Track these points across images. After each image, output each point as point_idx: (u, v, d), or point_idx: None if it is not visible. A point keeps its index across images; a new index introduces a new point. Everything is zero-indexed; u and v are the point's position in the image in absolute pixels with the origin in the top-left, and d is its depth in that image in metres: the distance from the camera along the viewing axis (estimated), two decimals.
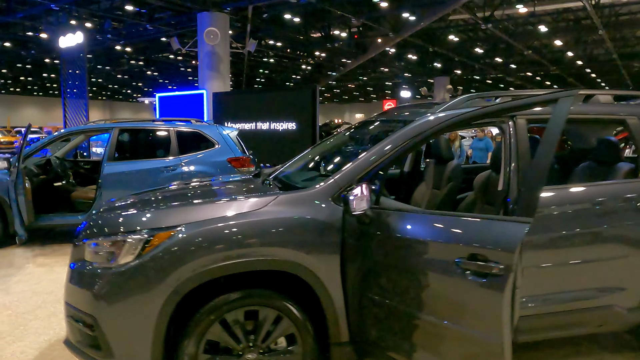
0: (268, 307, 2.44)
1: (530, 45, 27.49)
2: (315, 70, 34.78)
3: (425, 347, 2.18)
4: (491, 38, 26.27)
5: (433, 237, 2.10)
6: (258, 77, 38.37)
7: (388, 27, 21.94)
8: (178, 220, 2.42)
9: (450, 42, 27.01)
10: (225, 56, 15.25)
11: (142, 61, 31.14)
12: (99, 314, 2.37)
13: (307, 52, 29.73)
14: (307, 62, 33.05)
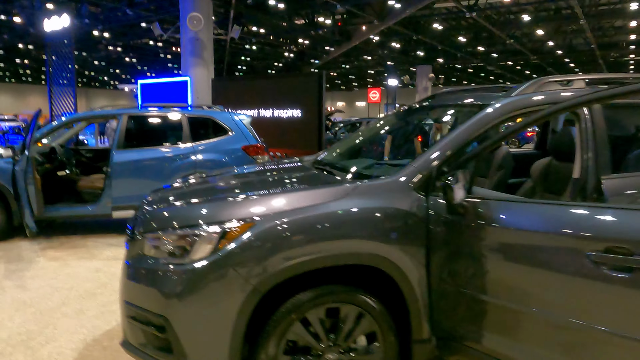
0: (350, 303, 2.30)
1: (511, 34, 27.72)
2: (298, 57, 34.37)
3: (538, 344, 2.05)
4: (474, 27, 26.38)
5: (555, 229, 1.97)
6: (239, 64, 37.78)
7: (373, 15, 21.74)
8: (255, 212, 2.25)
9: (434, 31, 27.00)
10: (208, 42, 14.80)
11: (121, 47, 30.21)
12: (172, 314, 2.19)
13: (290, 39, 29.36)
14: (290, 50, 32.63)
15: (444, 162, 2.39)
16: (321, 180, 2.69)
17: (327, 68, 38.11)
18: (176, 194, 2.82)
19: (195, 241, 2.21)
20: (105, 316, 3.63)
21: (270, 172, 3.25)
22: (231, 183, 2.96)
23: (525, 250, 2.03)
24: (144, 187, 5.77)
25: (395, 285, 2.32)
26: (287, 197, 2.36)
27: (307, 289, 2.25)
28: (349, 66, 38.76)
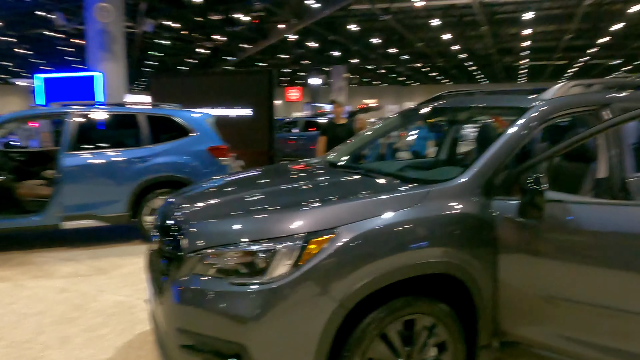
0: (426, 314, 2.22)
1: (421, 37, 29.25)
2: (212, 54, 33.36)
3: (614, 341, 2.11)
4: (387, 29, 27.43)
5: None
6: (149, 59, 35.80)
7: (290, 13, 21.73)
8: (332, 222, 2.08)
9: (349, 31, 27.64)
10: (119, 36, 13.73)
11: (14, 37, 27.14)
12: (250, 340, 1.96)
13: (204, 35, 28.36)
14: (204, 46, 31.54)
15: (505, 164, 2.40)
16: (382, 187, 2.54)
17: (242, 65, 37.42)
18: (222, 203, 2.52)
19: (273, 257, 1.99)
20: (97, 343, 3.20)
21: (300, 177, 3.05)
22: (273, 191, 2.71)
23: (608, 250, 2.09)
24: (100, 193, 5.23)
25: (464, 293, 2.28)
26: (361, 206, 2.21)
27: (384, 302, 2.13)
28: (265, 64, 38.38)
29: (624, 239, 2.08)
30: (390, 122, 3.79)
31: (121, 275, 4.54)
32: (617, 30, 25.23)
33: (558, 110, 2.66)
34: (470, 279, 2.24)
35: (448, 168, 3.04)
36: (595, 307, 2.13)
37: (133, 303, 3.87)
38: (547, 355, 2.33)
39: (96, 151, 5.39)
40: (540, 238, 2.23)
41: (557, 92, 2.77)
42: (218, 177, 3.45)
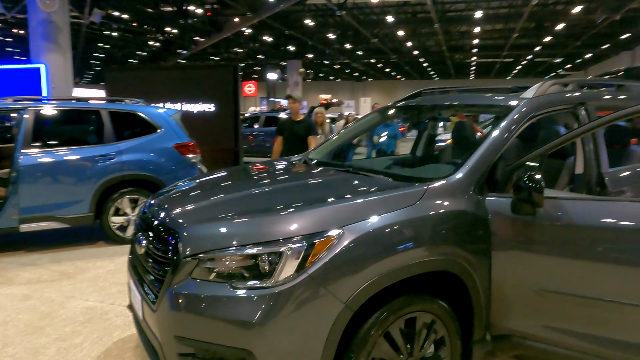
0: (426, 312, 2.23)
1: (375, 33, 29.59)
2: (163, 47, 32.38)
3: (631, 333, 2.18)
4: (342, 25, 27.57)
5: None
6: (96, 51, 34.31)
7: (245, 7, 21.41)
8: (336, 222, 2.05)
9: (305, 26, 27.58)
10: (64, 26, 13.00)
11: None
12: (257, 346, 1.90)
13: (156, 27, 27.46)
14: (155, 38, 30.54)
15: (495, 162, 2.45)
16: (380, 185, 2.50)
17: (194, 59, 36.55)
18: (217, 205, 2.42)
19: (278, 260, 1.94)
20: (72, 353, 3.02)
21: (290, 177, 2.98)
22: (266, 191, 2.63)
23: (607, 244, 2.17)
24: (61, 194, 4.96)
25: (460, 289, 2.32)
26: (363, 205, 2.19)
27: (386, 302, 2.12)
28: (218, 58, 37.66)
29: (612, 234, 2.17)
30: (370, 119, 3.80)
31: (88, 280, 4.32)
32: (559, 30, 26.50)
33: (541, 108, 2.74)
34: (467, 275, 2.28)
35: (436, 166, 3.07)
36: (581, 298, 2.21)
37: (105, 309, 3.69)
38: (535, 346, 2.40)
39: (56, 149, 5.07)
40: (533, 233, 2.29)
41: (538, 91, 2.86)
42: (199, 177, 3.34)
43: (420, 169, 3.14)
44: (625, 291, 2.12)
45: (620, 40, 28.38)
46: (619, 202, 2.30)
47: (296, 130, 5.76)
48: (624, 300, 2.12)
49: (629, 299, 2.11)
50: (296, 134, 5.73)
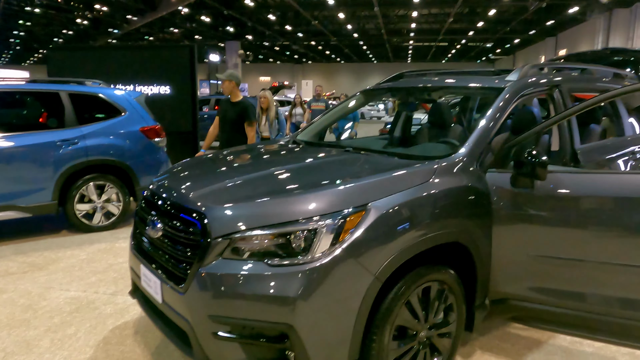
0: (439, 281, 2.39)
1: (316, 15, 29.55)
2: (92, 25, 30.53)
3: (615, 289, 2.41)
4: (282, 6, 27.27)
5: (630, 193, 2.30)
6: (15, 29, 31.77)
7: None
8: (364, 199, 2.14)
9: (244, 6, 27.02)
10: None
11: None
12: (298, 320, 1.96)
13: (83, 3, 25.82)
14: (83, 16, 28.70)
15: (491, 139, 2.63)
16: (393, 164, 2.59)
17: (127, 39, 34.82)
18: (242, 185, 2.40)
19: (314, 236, 2.00)
20: (67, 343, 2.93)
21: (300, 157, 3.00)
22: (285, 169, 2.63)
23: (599, 212, 2.41)
24: (21, 181, 4.69)
25: (465, 259, 2.50)
26: (385, 182, 2.29)
27: (407, 273, 2.25)
28: (152, 38, 36.05)
29: (601, 202, 2.42)
30: (357, 100, 3.88)
31: (62, 270, 4.14)
32: (491, 16, 27.75)
33: (524, 89, 2.96)
34: (474, 245, 2.46)
35: (434, 145, 3.22)
36: (572, 260, 2.45)
37: (90, 298, 3.57)
38: (529, 307, 2.64)
39: (13, 134, 4.74)
40: (531, 204, 2.50)
41: (521, 74, 3.08)
42: (200, 158, 3.28)
43: (421, 148, 3.28)
44: (612, 252, 2.37)
45: (545, 27, 30.16)
46: (605, 175, 2.56)
47: (229, 114, 4.97)
48: (610, 260, 2.38)
49: (616, 260, 2.36)
50: (229, 118, 4.97)
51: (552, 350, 2.88)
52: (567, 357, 2.82)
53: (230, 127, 4.97)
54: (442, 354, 2.49)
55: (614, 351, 2.87)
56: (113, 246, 4.78)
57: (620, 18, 24.19)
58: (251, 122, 4.95)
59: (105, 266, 4.23)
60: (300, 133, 3.72)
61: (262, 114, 6.67)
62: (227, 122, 5.00)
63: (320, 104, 10.38)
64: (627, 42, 23.32)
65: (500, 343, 2.95)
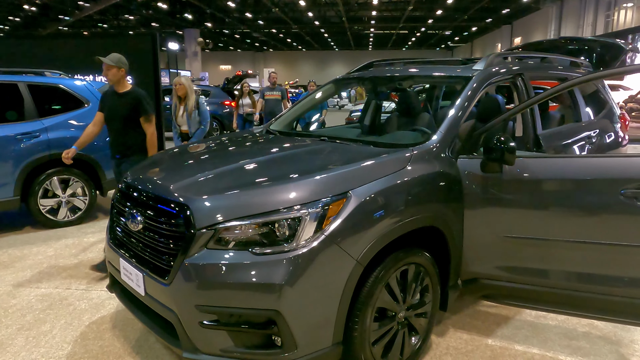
0: (416, 263, 2.49)
1: (276, 2, 29.27)
2: (40, 11, 29.16)
3: (577, 265, 2.57)
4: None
5: (591, 175, 2.48)
6: None
7: None
8: (344, 187, 2.20)
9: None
10: None
11: None
12: (285, 305, 2.01)
13: None
14: (31, 2, 27.36)
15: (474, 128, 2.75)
16: (369, 152, 2.67)
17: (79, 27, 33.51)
18: (223, 175, 2.41)
19: (299, 224, 2.05)
20: (44, 341, 2.88)
21: (277, 147, 3.01)
22: (263, 160, 2.64)
23: (562, 194, 2.56)
24: None
25: (439, 241, 2.61)
26: (363, 169, 2.35)
27: (386, 256, 2.34)
28: (106, 26, 34.81)
29: (563, 184, 2.58)
30: (326, 90, 3.93)
31: (30, 267, 4.03)
32: (449, 4, 28.26)
33: (490, 78, 3.08)
34: (448, 229, 2.57)
35: (407, 132, 3.30)
36: (538, 240, 2.59)
37: (63, 294, 3.50)
38: (499, 285, 2.79)
39: None
40: (499, 188, 2.63)
41: (487, 63, 3.20)
42: (174, 149, 3.26)
43: (394, 136, 3.37)
44: (572, 231, 2.53)
45: (501, 15, 30.98)
46: (572, 158, 2.71)
47: (118, 108, 3.94)
48: (571, 238, 2.54)
49: (576, 237, 2.52)
50: (118, 113, 3.94)
51: (519, 325, 3.06)
52: (533, 330, 3.00)
53: (122, 124, 3.93)
54: (419, 333, 2.61)
55: (575, 323, 3.07)
56: (81, 241, 4.67)
57: (571, 7, 25.16)
58: (149, 117, 3.94)
59: (76, 262, 4.14)
60: (273, 123, 3.74)
61: (180, 104, 5.46)
62: (115, 119, 3.94)
63: (276, 92, 9.21)
64: (578, 30, 24.29)
65: (472, 320, 3.11)
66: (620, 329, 2.99)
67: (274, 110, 8.92)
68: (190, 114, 5.40)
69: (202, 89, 14.13)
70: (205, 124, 5.46)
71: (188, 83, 5.46)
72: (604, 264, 2.52)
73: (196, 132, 5.42)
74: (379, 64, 3.94)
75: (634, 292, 2.46)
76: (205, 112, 5.51)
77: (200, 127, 5.44)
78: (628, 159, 2.50)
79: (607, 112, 4.33)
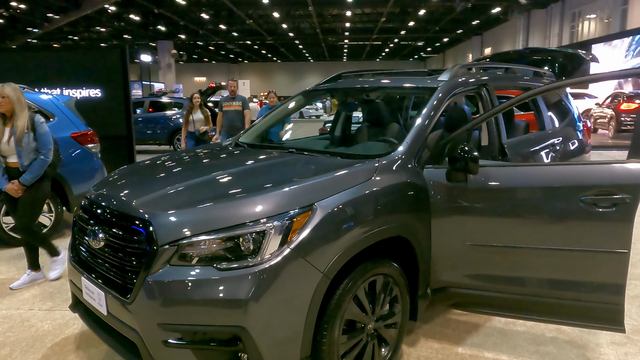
0: (384, 274, 2.49)
1: (250, 14, 29.34)
2: (9, 24, 28.55)
3: (542, 271, 2.60)
4: (215, 4, 26.85)
5: (553, 183, 2.52)
6: None
7: None
8: (310, 199, 2.19)
9: (176, 5, 26.36)
10: None
11: None
12: (250, 321, 1.98)
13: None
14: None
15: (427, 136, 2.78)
16: (336, 163, 2.64)
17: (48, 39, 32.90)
18: (187, 190, 2.37)
19: (263, 238, 2.03)
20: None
21: (240, 159, 2.99)
22: (230, 173, 2.60)
23: (526, 201, 2.60)
24: None
25: (407, 251, 2.62)
26: (329, 181, 2.34)
27: (354, 268, 2.33)
28: (77, 38, 34.28)
29: (526, 192, 2.62)
30: (296, 102, 3.92)
31: None
32: (421, 16, 28.80)
33: (455, 88, 3.13)
34: (415, 238, 2.59)
35: (374, 143, 3.32)
36: (503, 247, 2.62)
37: (25, 315, 3.38)
38: (467, 293, 2.81)
39: None
40: (465, 197, 2.66)
41: (451, 74, 3.25)
42: (139, 164, 3.19)
43: (362, 147, 3.37)
44: (536, 238, 2.57)
45: (472, 26, 31.69)
46: (534, 167, 2.75)
47: None
48: (535, 245, 2.57)
49: (539, 244, 2.56)
50: None
51: (489, 332, 3.08)
52: (502, 337, 3.03)
53: None
54: (389, 344, 2.60)
55: (543, 328, 3.11)
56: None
57: (538, 18, 25.93)
58: None
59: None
60: (243, 135, 3.72)
61: (4, 126, 3.76)
62: None
63: (236, 103, 7.97)
64: (545, 41, 25.03)
65: (443, 329, 3.12)
66: (586, 333, 3.04)
67: (235, 123, 7.83)
68: (20, 140, 3.69)
69: (175, 101, 14.02)
70: (47, 153, 3.81)
71: (16, 95, 3.71)
72: (567, 270, 2.56)
73: (32, 165, 3.74)
74: (347, 75, 3.97)
75: (598, 297, 2.50)
76: (46, 136, 3.82)
77: (37, 158, 3.78)
78: (586, 166, 2.56)
79: (569, 121, 4.45)
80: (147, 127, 13.02)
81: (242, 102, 7.99)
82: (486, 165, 2.62)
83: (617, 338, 2.98)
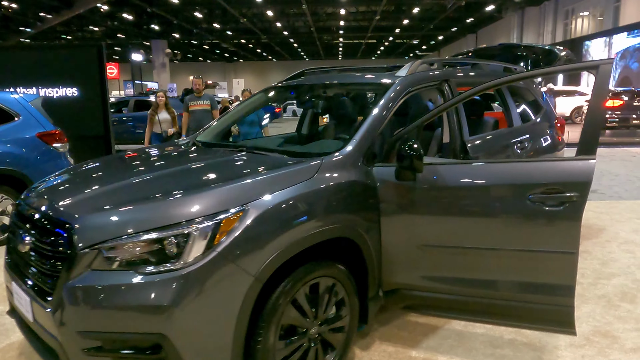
0: (327, 276, 2.39)
1: (244, 13, 29.23)
2: (1, 24, 28.44)
3: (492, 273, 2.51)
4: (209, 3, 26.75)
5: (500, 181, 2.44)
6: None
7: None
8: (240, 200, 2.09)
9: (169, 4, 26.26)
10: None
11: None
12: (170, 329, 1.88)
13: None
14: None
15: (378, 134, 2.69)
16: (278, 162, 2.57)
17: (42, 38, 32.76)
18: (111, 191, 2.28)
19: (186, 241, 1.94)
20: None
21: (184, 159, 2.90)
22: (163, 174, 2.51)
23: (474, 200, 2.51)
24: None
25: (354, 252, 2.52)
26: (264, 182, 2.25)
27: (292, 270, 2.24)
28: (70, 37, 34.16)
29: (477, 191, 2.53)
30: (257, 99, 3.84)
31: None
32: (415, 14, 28.69)
33: (413, 85, 3.04)
34: (362, 239, 2.49)
35: (325, 141, 3.23)
36: (454, 248, 2.54)
37: None
38: (420, 295, 2.72)
39: None
40: (414, 196, 2.57)
41: (410, 70, 3.16)
42: (77, 166, 3.10)
43: (312, 145, 3.28)
44: (486, 238, 2.48)
45: (466, 24, 31.60)
46: (482, 164, 2.66)
47: None
48: (485, 245, 2.48)
49: (489, 245, 2.47)
50: None
51: (446, 335, 2.99)
52: (459, 339, 2.94)
53: None
54: (335, 349, 2.51)
55: (502, 330, 3.02)
56: None
57: (532, 16, 25.85)
58: None
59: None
60: (202, 133, 3.62)
61: None
62: None
63: (203, 102, 7.42)
64: (539, 38, 24.95)
65: (399, 332, 3.03)
66: (545, 335, 2.95)
67: (203, 123, 6.87)
68: None
69: None
70: None
71: None
72: (517, 271, 2.47)
73: None
74: (310, 72, 3.88)
75: (548, 299, 2.42)
76: None
77: None
78: (534, 163, 2.46)
79: (542, 117, 4.36)
80: (135, 126, 12.92)
81: (210, 100, 7.52)
82: (432, 163, 2.53)
83: (576, 340, 2.89)
